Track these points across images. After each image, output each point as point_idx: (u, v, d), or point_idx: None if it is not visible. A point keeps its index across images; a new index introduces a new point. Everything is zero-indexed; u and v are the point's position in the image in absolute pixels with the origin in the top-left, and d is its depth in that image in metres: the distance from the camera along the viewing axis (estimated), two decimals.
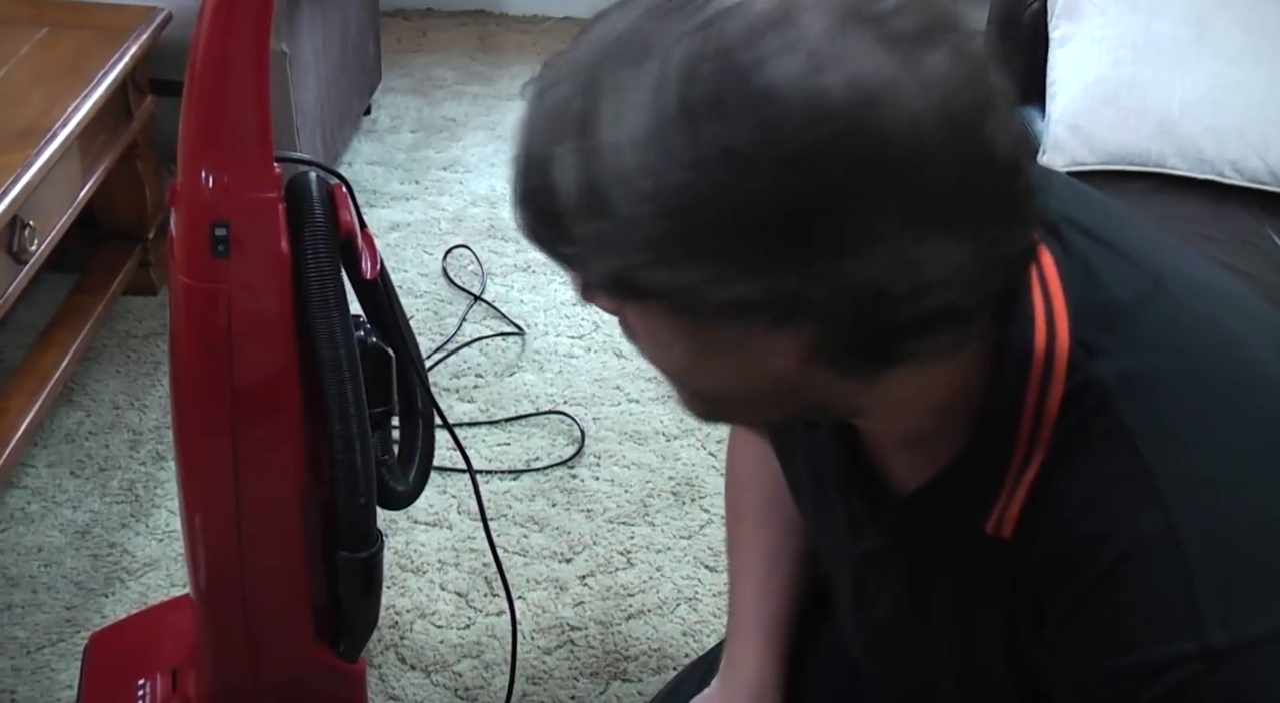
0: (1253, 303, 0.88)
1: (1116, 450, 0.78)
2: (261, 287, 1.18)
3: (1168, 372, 0.79)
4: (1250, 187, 2.05)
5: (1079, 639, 0.80)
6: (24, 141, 1.89)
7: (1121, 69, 2.11)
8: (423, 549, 1.94)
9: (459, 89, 3.32)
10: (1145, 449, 0.77)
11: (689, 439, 2.18)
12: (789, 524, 1.17)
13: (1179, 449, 0.77)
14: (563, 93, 0.72)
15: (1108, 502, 0.78)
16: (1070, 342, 0.80)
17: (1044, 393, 0.80)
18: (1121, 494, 0.77)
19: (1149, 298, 0.81)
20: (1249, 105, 2.05)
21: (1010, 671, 0.88)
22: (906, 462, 0.90)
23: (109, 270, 2.34)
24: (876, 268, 0.69)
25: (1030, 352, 0.80)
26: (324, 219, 1.18)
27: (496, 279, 2.57)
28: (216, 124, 1.14)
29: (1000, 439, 0.81)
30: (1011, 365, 0.80)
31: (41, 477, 2.04)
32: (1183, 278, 0.85)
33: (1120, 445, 0.78)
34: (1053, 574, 0.80)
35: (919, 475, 0.88)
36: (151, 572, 1.88)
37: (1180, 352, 0.80)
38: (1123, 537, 0.77)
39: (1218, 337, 0.82)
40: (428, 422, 1.42)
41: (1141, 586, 0.76)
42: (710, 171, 0.66)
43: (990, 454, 0.82)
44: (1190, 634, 0.74)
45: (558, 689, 1.75)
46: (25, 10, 2.30)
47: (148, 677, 1.53)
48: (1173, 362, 0.80)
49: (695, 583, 1.90)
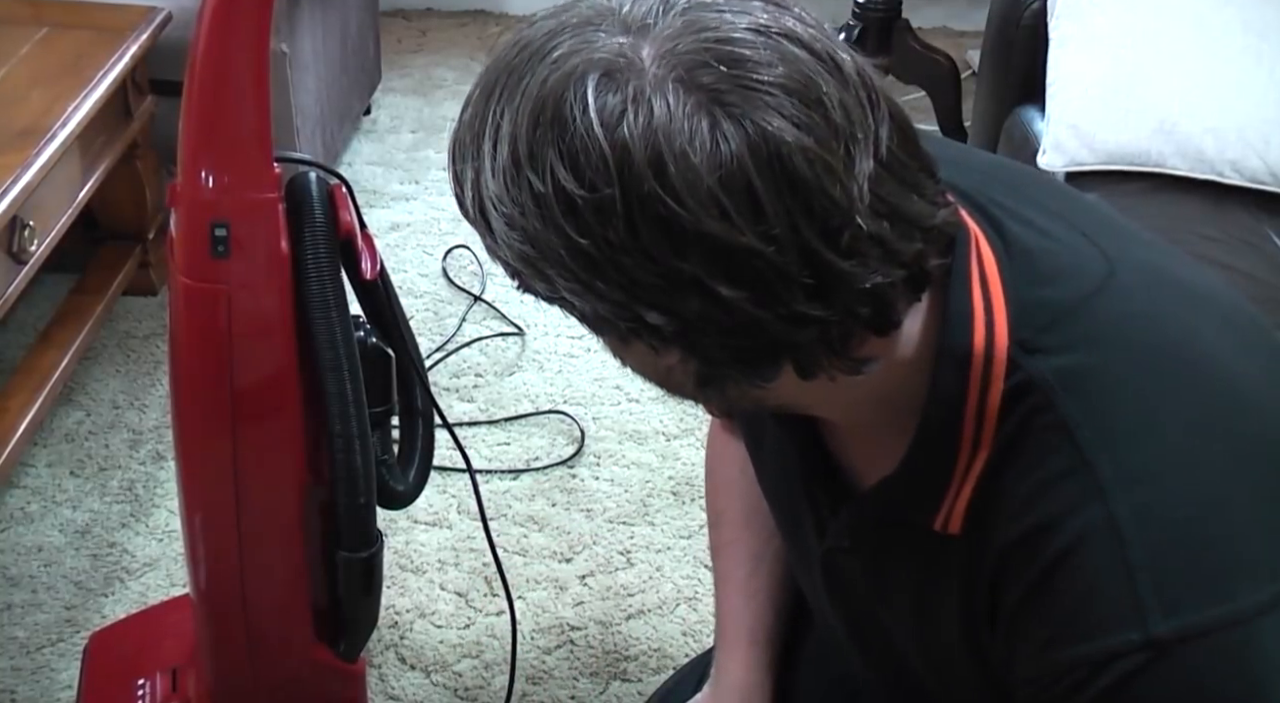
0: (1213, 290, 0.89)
1: (1058, 447, 0.79)
2: (261, 287, 1.18)
3: (1109, 368, 0.80)
4: (1250, 186, 2.04)
5: (1029, 634, 0.81)
6: (24, 141, 1.89)
7: (1121, 69, 2.11)
8: (423, 549, 1.94)
9: (459, 89, 3.31)
10: (1086, 445, 0.78)
11: (689, 439, 2.18)
12: (768, 530, 1.17)
13: (1119, 443, 0.78)
14: (471, 111, 0.76)
15: (1051, 497, 0.79)
16: (1009, 341, 0.80)
17: (985, 393, 0.81)
18: (1063, 489, 0.78)
19: (1096, 292, 0.82)
20: (1249, 105, 2.05)
21: (973, 663, 0.89)
22: (864, 454, 0.91)
23: (109, 270, 2.34)
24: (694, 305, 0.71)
25: (969, 352, 0.81)
26: (324, 219, 1.19)
27: (496, 279, 2.57)
28: (216, 124, 1.14)
29: (943, 440, 0.82)
30: (951, 366, 0.81)
31: (41, 477, 2.04)
32: (1138, 268, 0.86)
33: (1062, 442, 0.79)
34: (1004, 570, 0.82)
35: (877, 468, 0.89)
36: (151, 572, 1.88)
37: (1125, 347, 0.81)
38: (1065, 531, 0.78)
39: (1167, 331, 0.82)
40: (427, 422, 1.42)
41: (1085, 579, 0.77)
42: (549, 208, 0.71)
43: (935, 455, 0.83)
44: (1135, 625, 0.75)
45: (558, 689, 1.75)
46: (25, 10, 2.30)
47: (148, 677, 1.53)
48: (1116, 357, 0.80)
49: (695, 583, 1.90)
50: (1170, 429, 0.79)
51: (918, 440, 0.84)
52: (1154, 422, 0.79)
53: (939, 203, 0.77)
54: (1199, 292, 0.87)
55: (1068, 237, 0.85)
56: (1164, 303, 0.85)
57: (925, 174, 0.76)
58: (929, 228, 0.75)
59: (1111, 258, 0.85)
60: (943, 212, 0.77)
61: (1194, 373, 0.81)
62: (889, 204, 0.72)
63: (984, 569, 0.83)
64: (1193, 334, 0.83)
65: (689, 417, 2.22)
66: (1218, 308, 0.87)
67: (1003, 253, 0.83)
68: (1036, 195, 0.88)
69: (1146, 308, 0.83)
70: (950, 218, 0.78)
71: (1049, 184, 0.94)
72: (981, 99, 2.47)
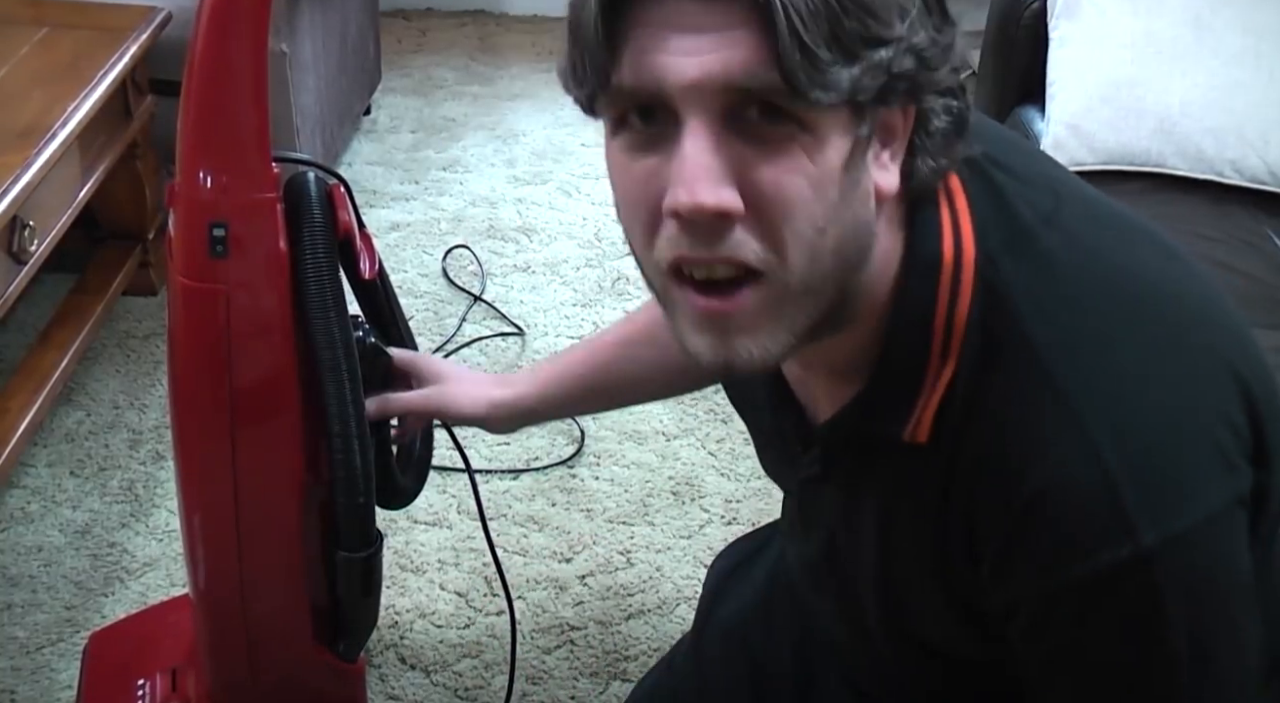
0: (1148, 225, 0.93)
1: (1025, 367, 0.82)
2: (260, 286, 1.18)
3: (1068, 288, 0.84)
4: (1250, 186, 2.05)
5: (1016, 564, 0.84)
6: (24, 141, 1.89)
7: (1121, 69, 2.11)
8: (423, 549, 1.94)
9: (459, 89, 3.32)
10: (1052, 365, 0.82)
11: (689, 439, 2.18)
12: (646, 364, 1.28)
13: (1082, 362, 0.82)
14: None
15: (1023, 422, 0.82)
16: (976, 252, 0.84)
17: (954, 301, 0.84)
18: (1035, 414, 0.82)
19: (1049, 217, 0.86)
20: (1249, 105, 2.05)
21: (933, 592, 0.92)
22: (829, 397, 0.93)
23: (109, 270, 2.34)
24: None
25: (939, 260, 0.84)
26: (322, 219, 1.19)
27: (496, 279, 2.57)
28: (215, 124, 1.14)
29: (912, 349, 0.85)
30: (920, 272, 0.85)
31: (41, 477, 2.04)
32: (1077, 198, 0.90)
33: (1028, 362, 0.82)
34: (981, 496, 0.84)
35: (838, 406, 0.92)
36: (151, 572, 1.89)
37: (1078, 271, 0.84)
38: (1044, 461, 0.81)
39: (1113, 256, 0.87)
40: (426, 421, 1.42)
41: (1072, 506, 0.81)
42: None
43: (903, 365, 0.86)
44: (1124, 540, 0.79)
45: (557, 689, 1.75)
46: (25, 10, 2.31)
47: (147, 677, 1.53)
48: (1073, 281, 0.84)
49: (695, 583, 1.90)
50: (1128, 349, 0.83)
51: (887, 352, 0.87)
52: (1114, 340, 0.83)
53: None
54: (1124, 215, 0.93)
55: (1016, 165, 0.89)
56: (1102, 226, 0.89)
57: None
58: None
59: (1051, 185, 0.89)
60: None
61: (1140, 294, 0.85)
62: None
63: (960, 489, 0.86)
64: (1133, 255, 0.88)
65: (689, 417, 2.22)
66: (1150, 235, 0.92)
67: (967, 175, 0.86)
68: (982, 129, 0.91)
69: (1090, 231, 0.88)
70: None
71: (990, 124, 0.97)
72: (981, 99, 2.47)
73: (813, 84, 0.73)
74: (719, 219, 0.76)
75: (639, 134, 0.79)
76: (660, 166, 0.78)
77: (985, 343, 0.84)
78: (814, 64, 0.73)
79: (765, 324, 0.81)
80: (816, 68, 0.73)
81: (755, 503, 2.04)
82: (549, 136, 3.09)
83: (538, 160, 2.99)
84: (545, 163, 2.98)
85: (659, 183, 0.78)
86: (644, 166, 0.79)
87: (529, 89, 3.32)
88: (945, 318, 0.84)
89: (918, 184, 0.83)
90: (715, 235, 0.77)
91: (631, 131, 0.79)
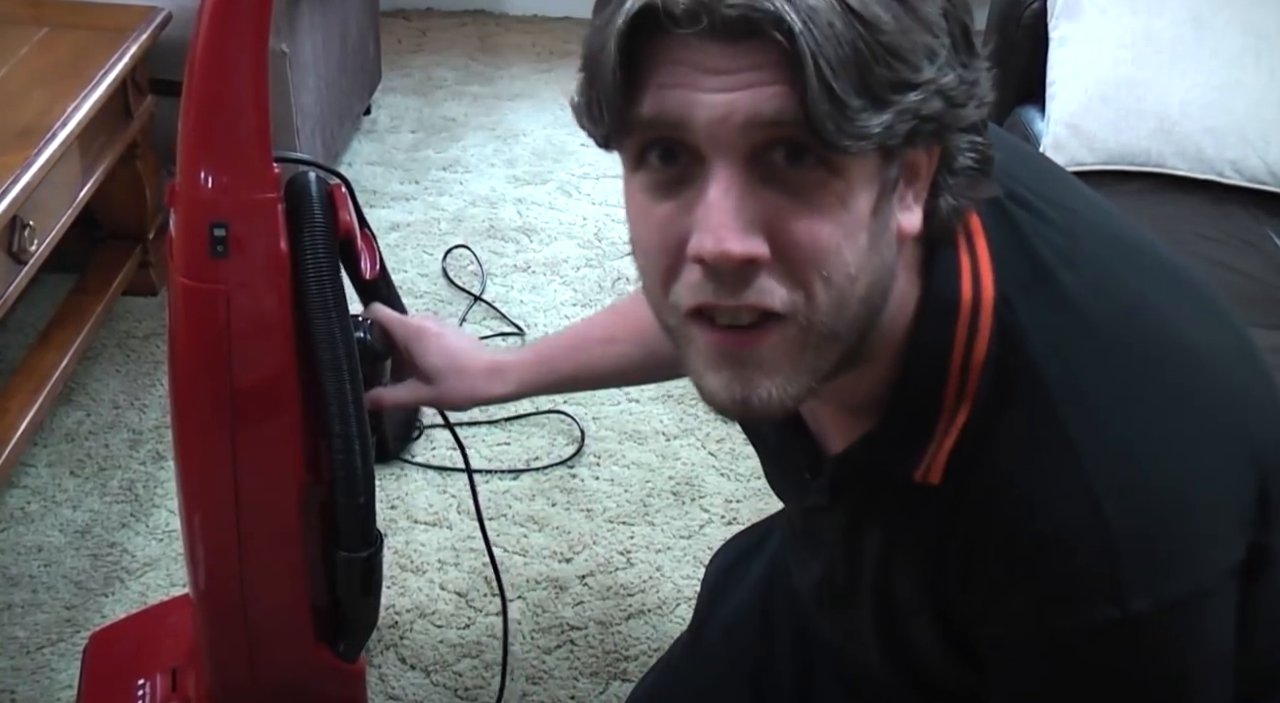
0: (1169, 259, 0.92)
1: (1038, 415, 0.82)
2: (260, 287, 1.18)
3: (1084, 338, 0.83)
4: (1250, 186, 2.05)
5: (1004, 605, 0.84)
6: (24, 141, 1.89)
7: (1121, 69, 2.11)
8: (423, 549, 1.94)
9: (459, 89, 3.32)
10: (1066, 417, 0.81)
11: (689, 439, 2.18)
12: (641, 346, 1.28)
13: (1096, 416, 0.81)
14: None
15: (1031, 472, 0.82)
16: (995, 294, 0.83)
17: (971, 343, 0.83)
18: (1043, 465, 0.81)
19: (1068, 257, 0.85)
20: (1249, 105, 2.05)
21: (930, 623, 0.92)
22: (840, 430, 0.93)
23: (109, 270, 2.34)
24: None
25: (957, 302, 0.83)
26: (323, 219, 1.18)
27: (496, 279, 2.57)
28: (215, 124, 1.14)
29: (927, 392, 0.84)
30: (938, 313, 0.83)
31: (41, 477, 2.04)
32: (1097, 235, 0.89)
33: (1042, 410, 0.81)
34: (981, 537, 0.84)
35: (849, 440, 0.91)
36: (151, 572, 1.88)
37: (1097, 317, 0.83)
38: (1047, 513, 0.81)
39: (1131, 301, 0.85)
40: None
41: (1067, 561, 0.81)
42: None
43: (917, 407, 0.85)
44: (1115, 602, 0.79)
45: (557, 689, 1.75)
46: (25, 10, 2.31)
47: (148, 677, 1.53)
48: (1089, 327, 0.83)
49: (695, 583, 1.90)
50: (1141, 405, 0.82)
51: (900, 393, 0.86)
52: (1128, 395, 0.82)
53: None
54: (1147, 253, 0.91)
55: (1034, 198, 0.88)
56: (1122, 268, 0.88)
57: None
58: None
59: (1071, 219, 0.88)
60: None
61: (1156, 345, 0.84)
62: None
63: (960, 525, 0.85)
64: (1150, 302, 0.87)
65: (689, 417, 2.22)
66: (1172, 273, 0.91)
67: (986, 213, 0.85)
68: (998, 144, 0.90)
69: (1109, 274, 0.86)
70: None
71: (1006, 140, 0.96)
72: None
73: (842, 133, 0.71)
74: (745, 267, 0.75)
75: (660, 174, 0.77)
76: (682, 211, 0.76)
77: (999, 385, 0.82)
78: (843, 113, 0.70)
79: (786, 366, 0.79)
80: (845, 116, 0.71)
81: (755, 503, 2.04)
82: (549, 136, 3.09)
83: (538, 160, 2.99)
84: (545, 163, 2.98)
85: (680, 227, 0.76)
86: (665, 210, 0.77)
87: (529, 89, 3.32)
88: (962, 360, 0.83)
89: (938, 223, 0.81)
90: (740, 283, 0.75)
91: (651, 171, 0.77)
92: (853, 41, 0.70)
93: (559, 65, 3.44)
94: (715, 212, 0.73)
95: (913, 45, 0.72)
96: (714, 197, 0.73)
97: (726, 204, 0.73)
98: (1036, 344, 0.82)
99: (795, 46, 0.69)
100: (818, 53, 0.69)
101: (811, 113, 0.70)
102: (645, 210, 0.78)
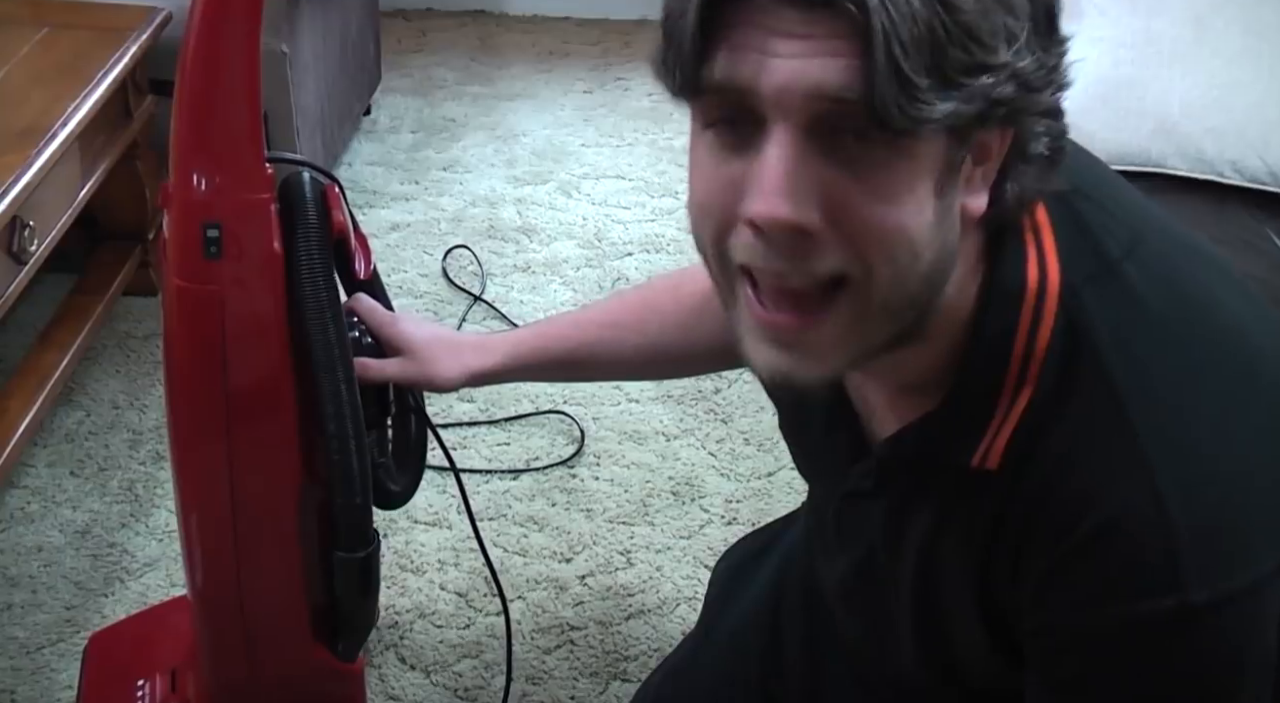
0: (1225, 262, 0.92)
1: (1101, 403, 0.81)
2: (254, 287, 1.17)
3: (1150, 331, 0.83)
4: (1250, 187, 2.04)
5: (1059, 592, 0.84)
6: (24, 141, 1.89)
7: (1121, 69, 2.11)
8: (422, 549, 1.94)
9: (459, 89, 3.32)
10: (1129, 406, 0.80)
11: (689, 439, 2.18)
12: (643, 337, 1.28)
13: (1160, 408, 0.81)
14: None
15: (1093, 459, 0.81)
16: (1061, 283, 0.83)
17: (1034, 329, 0.83)
18: (1106, 453, 0.81)
19: (1131, 252, 0.84)
20: (1249, 105, 2.04)
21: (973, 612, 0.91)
22: (893, 410, 0.92)
23: (109, 270, 2.34)
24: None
25: (1023, 288, 0.83)
26: (317, 219, 1.18)
27: (496, 279, 2.57)
28: (207, 125, 1.14)
29: (991, 372, 0.84)
30: (1003, 299, 0.83)
31: (41, 477, 2.04)
32: (1161, 234, 0.88)
33: (1105, 398, 0.81)
34: (1037, 524, 0.83)
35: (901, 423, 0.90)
36: (151, 572, 1.89)
37: (1162, 311, 0.83)
38: (1108, 501, 0.80)
39: (1194, 299, 0.85)
40: (420, 420, 1.42)
41: (1128, 550, 0.80)
42: None
43: (978, 391, 0.84)
44: (1172, 594, 0.79)
45: (557, 689, 1.75)
46: (25, 10, 2.31)
47: (147, 677, 1.53)
48: (1154, 321, 0.83)
49: (695, 583, 1.90)
50: (1204, 398, 0.82)
51: (962, 375, 0.85)
52: (1190, 389, 0.82)
53: None
54: (1206, 253, 0.91)
55: (1100, 196, 0.87)
56: (1184, 264, 0.87)
57: None
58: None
59: (1135, 217, 0.87)
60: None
61: (1220, 340, 0.84)
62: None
63: (1017, 514, 0.84)
64: (1214, 299, 0.86)
65: (689, 417, 2.22)
66: (1218, 268, 0.90)
67: (1052, 204, 0.84)
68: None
69: (1173, 269, 0.86)
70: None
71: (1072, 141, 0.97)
72: None
73: (904, 115, 0.70)
74: (795, 235, 0.75)
75: (728, 136, 0.77)
76: (743, 173, 0.76)
77: (1063, 373, 0.82)
78: (908, 94, 0.69)
79: (836, 344, 0.79)
80: (910, 97, 0.70)
81: (755, 503, 2.04)
82: (549, 136, 3.09)
83: (538, 160, 2.99)
84: (545, 163, 2.98)
85: (739, 188, 0.76)
86: (729, 170, 0.77)
87: (529, 89, 3.32)
88: (1025, 346, 0.83)
89: (1003, 209, 0.81)
90: (791, 250, 0.75)
91: (720, 132, 0.78)
92: (929, 20, 0.69)
93: (559, 65, 3.44)
94: (769, 174, 0.74)
95: (992, 27, 0.71)
96: (769, 160, 0.74)
97: (780, 168, 0.73)
98: (1102, 335, 0.82)
99: (869, 20, 0.69)
100: (890, 30, 0.69)
101: (876, 92, 0.70)
102: (710, 170, 0.79)
